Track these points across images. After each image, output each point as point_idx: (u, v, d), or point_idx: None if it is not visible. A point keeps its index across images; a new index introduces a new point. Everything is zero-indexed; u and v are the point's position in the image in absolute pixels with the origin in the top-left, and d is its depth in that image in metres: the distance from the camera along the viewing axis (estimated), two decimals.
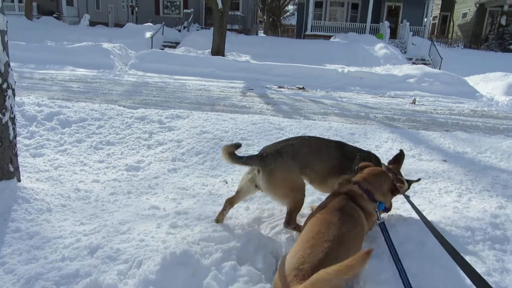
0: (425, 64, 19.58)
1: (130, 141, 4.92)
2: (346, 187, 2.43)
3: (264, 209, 2.94)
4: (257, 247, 2.44)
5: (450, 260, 2.24)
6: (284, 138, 3.08)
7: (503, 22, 27.36)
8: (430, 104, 11.54)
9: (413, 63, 19.39)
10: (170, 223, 2.74)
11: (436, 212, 2.87)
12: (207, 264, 2.27)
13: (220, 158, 4.52)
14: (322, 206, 2.35)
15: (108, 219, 2.91)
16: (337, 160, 2.78)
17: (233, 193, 2.84)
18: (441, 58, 20.26)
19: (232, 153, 2.55)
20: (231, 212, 2.92)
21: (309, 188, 2.75)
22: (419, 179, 2.92)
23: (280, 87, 12.88)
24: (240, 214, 2.88)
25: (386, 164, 2.92)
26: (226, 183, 3.87)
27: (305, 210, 2.87)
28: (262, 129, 5.22)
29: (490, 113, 10.63)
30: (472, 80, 15.00)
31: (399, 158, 2.88)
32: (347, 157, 2.82)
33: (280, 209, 2.91)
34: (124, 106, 6.39)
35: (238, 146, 2.63)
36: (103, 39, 19.60)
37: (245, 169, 2.81)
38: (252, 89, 11.99)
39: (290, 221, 2.62)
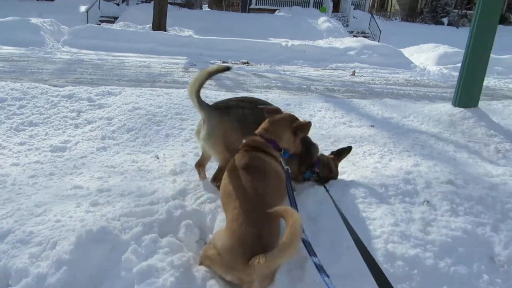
0: (365, 37, 20.20)
1: (55, 121, 4.64)
2: (251, 140, 2.38)
3: (191, 181, 2.92)
4: (180, 219, 2.42)
5: (360, 216, 2.38)
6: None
7: None
8: (369, 75, 11.98)
9: (354, 36, 19.91)
10: (90, 202, 2.64)
11: (356, 173, 3.01)
12: (126, 239, 2.21)
13: (153, 134, 4.41)
14: (233, 167, 2.26)
15: (24, 202, 2.74)
16: None
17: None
18: (380, 31, 20.97)
19: (201, 85, 2.62)
20: (157, 186, 2.88)
21: None
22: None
23: (224, 62, 12.71)
24: (166, 187, 2.84)
25: (329, 153, 3.02)
26: (158, 158, 3.79)
27: None
28: None
29: (422, 82, 11.26)
30: (408, 52, 15.73)
31: (342, 151, 3.03)
32: None
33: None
34: (55, 86, 5.98)
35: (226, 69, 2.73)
36: (32, 14, 17.99)
37: None
38: (195, 65, 11.72)
39: (217, 178, 2.71)
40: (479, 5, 4.77)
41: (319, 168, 2.81)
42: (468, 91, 4.90)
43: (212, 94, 5.80)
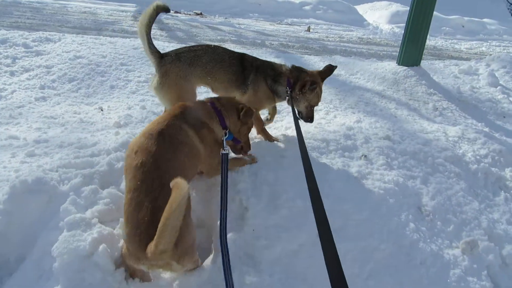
0: None
1: None
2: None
3: (135, 133, 2.85)
4: (122, 171, 2.38)
5: (300, 170, 2.48)
6: None
7: None
8: (323, 32, 11.97)
9: None
10: (26, 152, 2.53)
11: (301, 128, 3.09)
12: (65, 190, 2.17)
13: (97, 85, 4.21)
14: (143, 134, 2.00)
15: None
16: (238, 71, 2.73)
17: None
18: None
19: (151, 20, 2.51)
20: (98, 138, 2.80)
21: None
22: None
23: (176, 12, 12.10)
24: (108, 139, 2.77)
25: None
26: (102, 110, 3.65)
27: None
28: (144, 54, 4.90)
29: (374, 41, 11.46)
30: (362, 9, 15.77)
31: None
32: (245, 67, 2.76)
33: None
34: None
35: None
36: None
37: None
38: None
39: None
40: None
41: (291, 86, 2.69)
42: (411, 50, 5.09)
43: (161, 45, 5.55)
